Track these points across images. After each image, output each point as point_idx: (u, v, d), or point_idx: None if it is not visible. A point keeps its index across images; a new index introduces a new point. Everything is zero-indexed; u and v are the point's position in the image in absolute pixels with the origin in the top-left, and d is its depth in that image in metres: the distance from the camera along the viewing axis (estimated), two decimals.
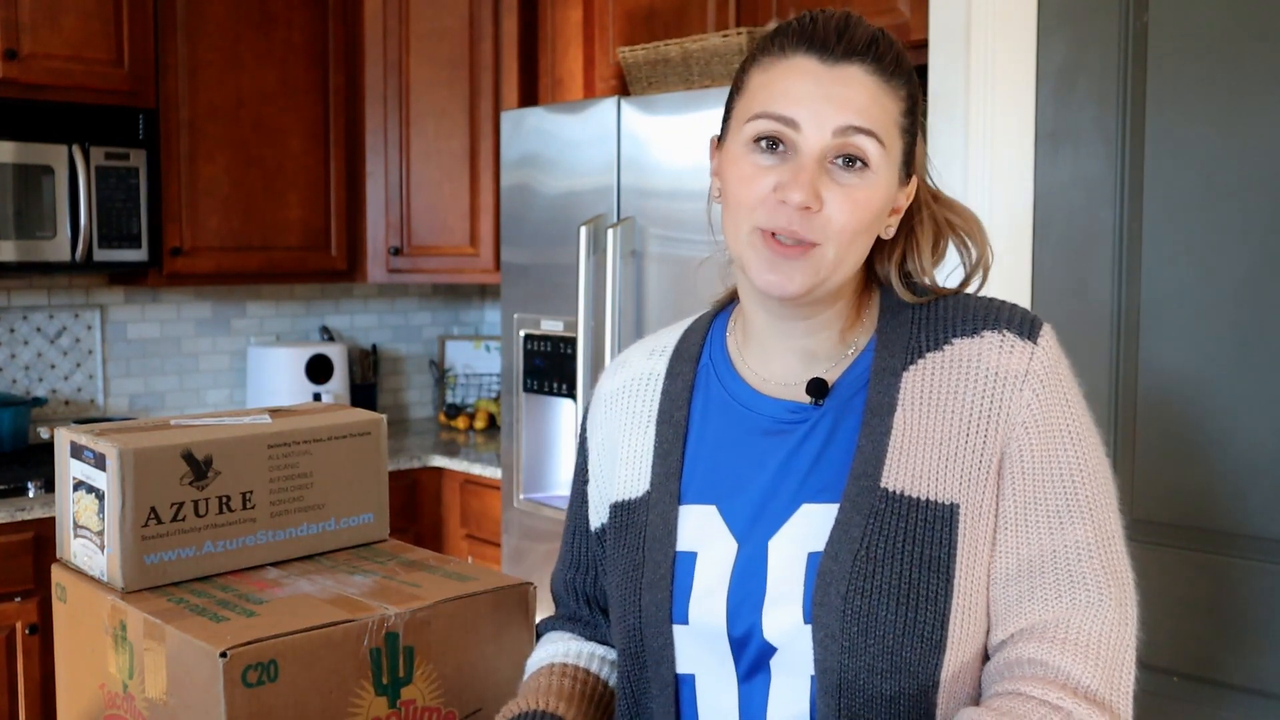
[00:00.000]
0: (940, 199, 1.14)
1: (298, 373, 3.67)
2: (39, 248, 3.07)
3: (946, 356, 1.05)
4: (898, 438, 1.03)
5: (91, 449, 1.20)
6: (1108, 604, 1.00)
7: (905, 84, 1.05)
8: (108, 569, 1.19)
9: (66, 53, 3.09)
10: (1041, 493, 1.02)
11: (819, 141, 1.01)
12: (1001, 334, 1.04)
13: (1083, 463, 1.03)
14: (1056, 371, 1.04)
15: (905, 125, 1.05)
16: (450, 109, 3.66)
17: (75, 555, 1.24)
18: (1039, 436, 1.02)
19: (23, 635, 2.85)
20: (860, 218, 1.02)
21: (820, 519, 1.03)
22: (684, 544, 1.09)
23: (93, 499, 1.20)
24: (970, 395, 1.03)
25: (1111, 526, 1.04)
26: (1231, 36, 1.94)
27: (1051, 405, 1.03)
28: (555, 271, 2.91)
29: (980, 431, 1.02)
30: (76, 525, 1.23)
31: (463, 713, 1.23)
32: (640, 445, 1.16)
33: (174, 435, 1.23)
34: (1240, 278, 1.95)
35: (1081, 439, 1.04)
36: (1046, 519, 1.02)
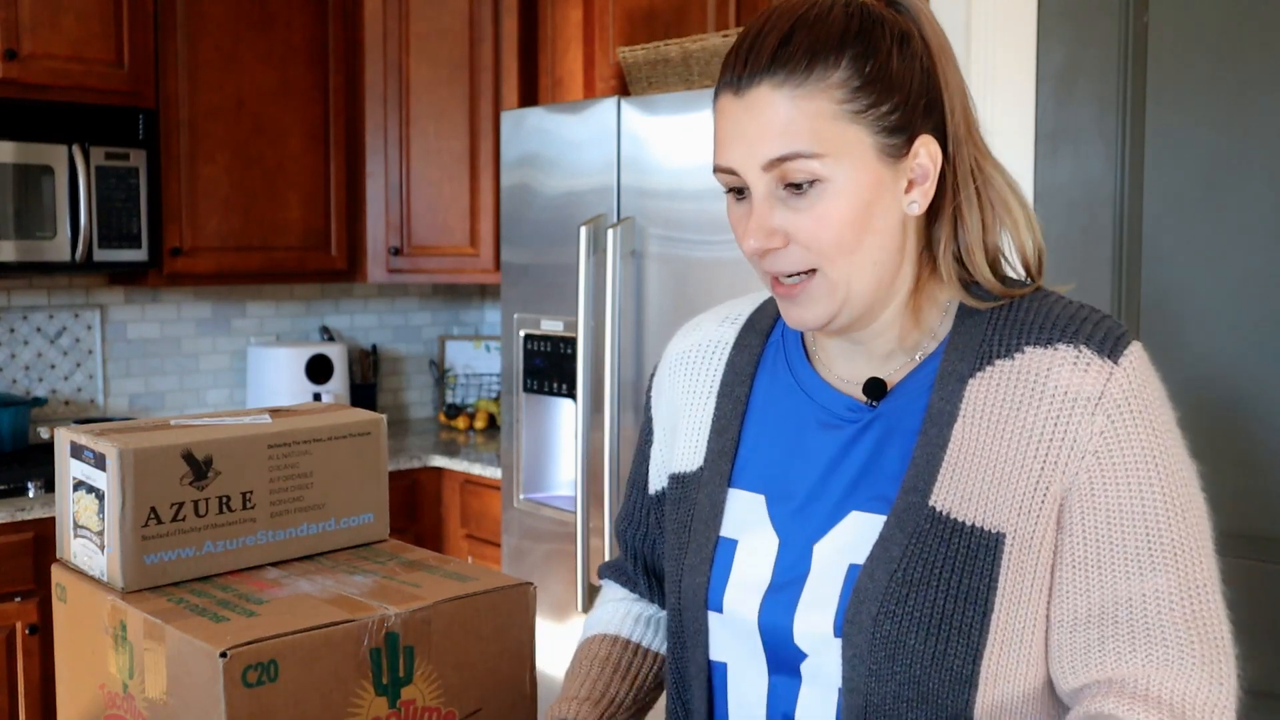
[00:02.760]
0: (982, 168, 1.01)
1: (298, 373, 3.67)
2: (39, 248, 3.07)
3: (1017, 366, 0.97)
4: (954, 452, 0.96)
5: (91, 449, 1.20)
6: (1191, 663, 0.92)
7: (833, 65, 0.95)
8: (108, 569, 1.19)
9: (66, 53, 3.09)
10: (1118, 533, 0.93)
11: (757, 181, 0.96)
12: (1078, 349, 0.95)
13: (1169, 501, 0.93)
14: (1140, 396, 0.95)
15: (858, 106, 0.95)
16: (450, 109, 3.66)
17: (75, 555, 1.24)
18: (1115, 469, 0.94)
19: (23, 635, 2.85)
20: (834, 231, 0.96)
21: (868, 529, 0.98)
22: (728, 529, 1.07)
23: (93, 499, 1.20)
24: (1035, 414, 0.95)
25: (1201, 575, 0.94)
26: (1231, 36, 1.94)
27: (1131, 434, 0.94)
28: (555, 271, 2.91)
29: (1040, 456, 0.94)
30: (76, 525, 1.23)
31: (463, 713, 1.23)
32: (700, 416, 1.14)
33: (174, 435, 1.23)
34: (1240, 277, 1.95)
35: (1168, 473, 0.94)
36: (1124, 563, 0.93)
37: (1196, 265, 1.99)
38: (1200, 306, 1.98)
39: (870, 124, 0.95)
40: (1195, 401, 2.00)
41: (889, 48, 0.96)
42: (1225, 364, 1.96)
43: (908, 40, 0.98)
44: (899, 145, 0.97)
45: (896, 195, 0.98)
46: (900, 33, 0.97)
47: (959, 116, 0.99)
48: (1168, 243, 2.02)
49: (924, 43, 0.99)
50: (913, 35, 0.98)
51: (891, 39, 0.97)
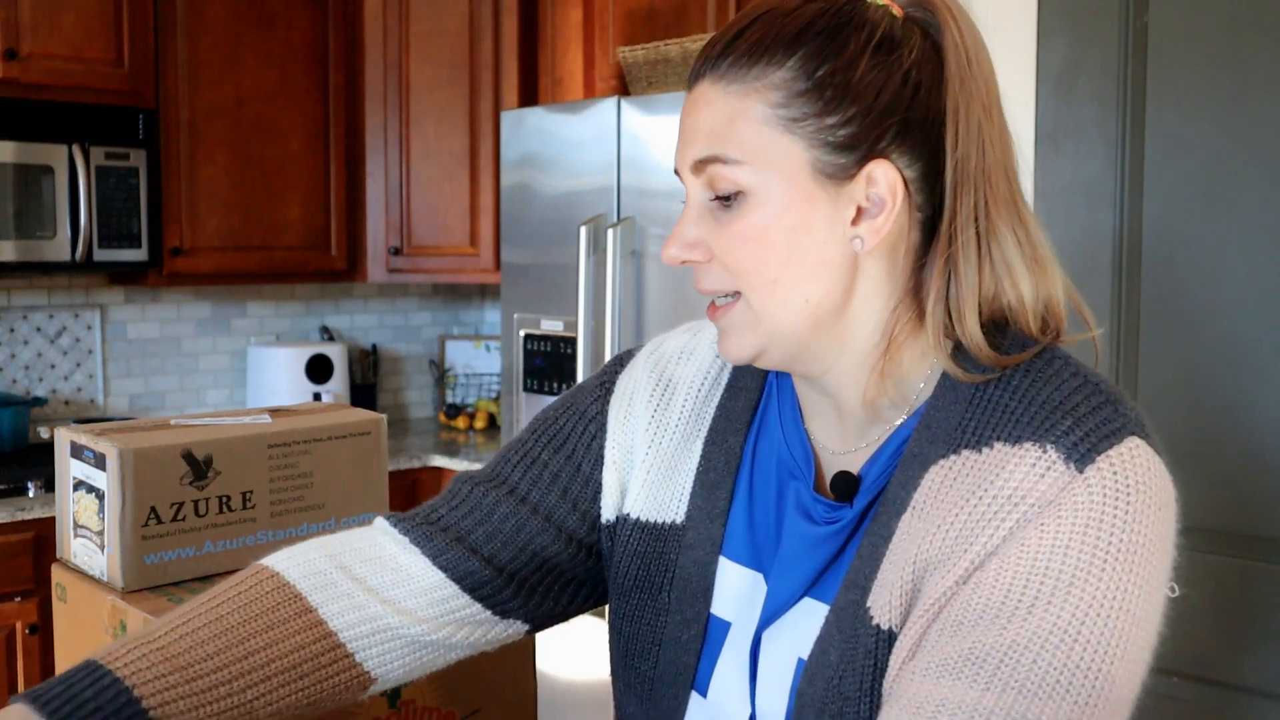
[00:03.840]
0: (990, 215, 0.83)
1: (298, 373, 3.67)
2: (39, 248, 3.07)
3: (981, 459, 0.80)
4: (894, 547, 0.81)
5: (91, 449, 1.20)
6: None
7: (778, 64, 0.81)
8: (108, 568, 1.19)
9: (67, 53, 3.09)
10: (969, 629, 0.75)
11: (691, 186, 0.86)
12: (1044, 449, 0.78)
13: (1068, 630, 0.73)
14: (1103, 523, 0.76)
15: (795, 114, 0.81)
16: (450, 109, 3.66)
17: (75, 555, 1.24)
18: (1015, 573, 0.75)
19: (23, 635, 2.85)
20: (750, 252, 0.83)
21: (813, 619, 0.86)
22: (719, 608, 0.93)
23: (93, 499, 1.20)
24: (970, 513, 0.78)
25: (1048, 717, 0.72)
26: (1231, 36, 1.94)
27: (1062, 550, 0.75)
28: (555, 271, 2.91)
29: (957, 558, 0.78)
30: (76, 525, 1.23)
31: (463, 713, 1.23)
32: (683, 461, 0.97)
33: (174, 435, 1.23)
34: (1240, 277, 1.95)
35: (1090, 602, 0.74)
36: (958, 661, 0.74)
37: (1196, 265, 1.99)
38: (1200, 306, 1.98)
39: (808, 136, 0.81)
40: (1195, 401, 2.00)
41: (858, 52, 0.81)
42: (1225, 364, 1.96)
43: (893, 47, 0.82)
44: (844, 165, 0.81)
45: (838, 224, 0.82)
46: (886, 38, 0.82)
47: (972, 150, 0.82)
48: (1168, 243, 2.02)
49: (930, 56, 0.83)
50: (906, 44, 0.82)
51: (867, 42, 0.81)
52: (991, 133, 0.84)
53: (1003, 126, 0.86)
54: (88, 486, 1.20)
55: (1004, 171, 0.84)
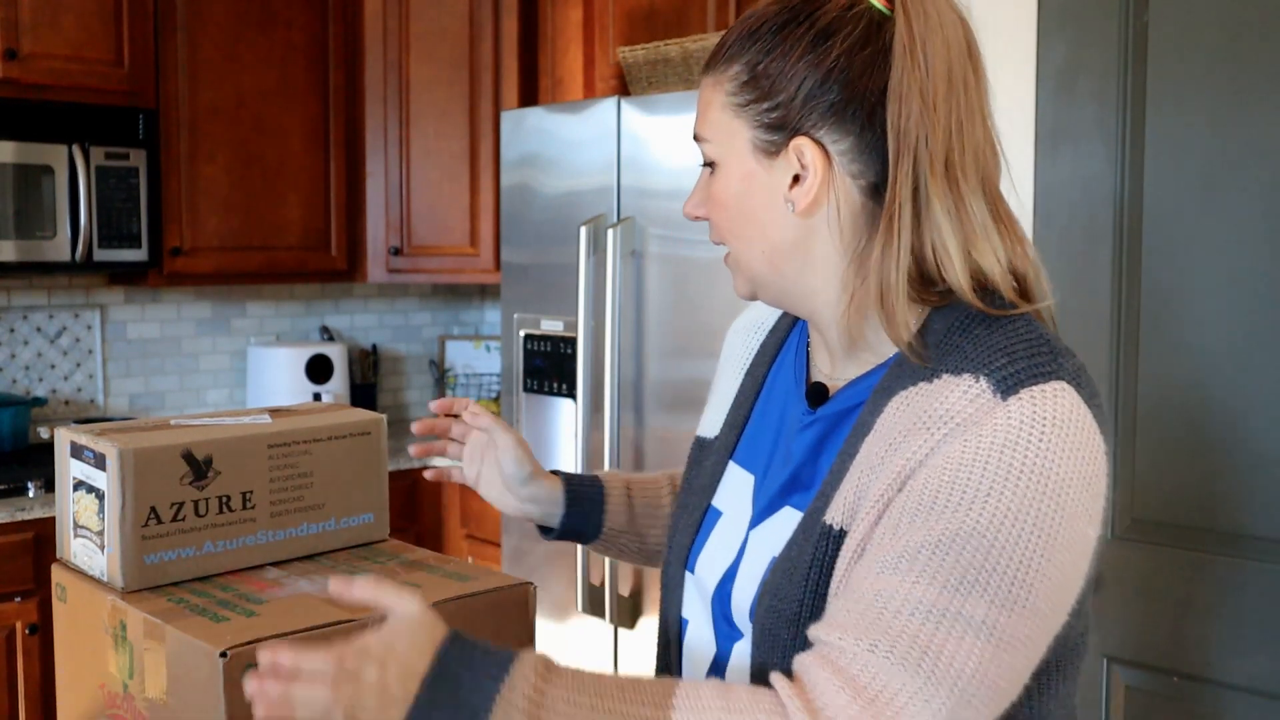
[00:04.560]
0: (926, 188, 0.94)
1: (298, 373, 3.67)
2: (39, 248, 3.07)
3: (930, 388, 0.93)
4: (857, 465, 0.95)
5: (91, 449, 1.20)
6: (902, 672, 0.84)
7: (737, 59, 0.99)
8: (108, 569, 1.19)
9: (66, 53, 3.09)
10: (906, 531, 0.88)
11: (700, 157, 1.06)
12: (978, 379, 0.91)
13: (983, 533, 0.85)
14: (1018, 444, 0.87)
15: (741, 100, 0.99)
16: (450, 109, 3.66)
17: (75, 555, 1.24)
18: (941, 483, 0.88)
19: (23, 635, 2.85)
20: (718, 212, 1.03)
21: (789, 525, 1.02)
22: (718, 500, 1.13)
23: (93, 499, 1.20)
24: (914, 437, 0.91)
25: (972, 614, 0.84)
26: (1231, 36, 1.94)
27: (980, 464, 0.87)
28: (555, 271, 2.91)
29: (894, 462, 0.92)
30: (76, 525, 1.23)
31: None
32: (728, 389, 1.21)
33: (174, 435, 1.23)
34: (1240, 277, 1.95)
35: (1005, 512, 0.85)
36: (894, 558, 0.88)
37: (1196, 265, 1.99)
38: (1200, 306, 1.98)
39: (749, 118, 0.99)
40: (1195, 401, 2.00)
41: (793, 47, 0.96)
42: (1225, 364, 1.96)
43: (825, 39, 0.95)
44: (776, 142, 0.98)
45: (777, 190, 0.99)
46: (823, 29, 0.95)
47: (910, 126, 0.93)
48: (1168, 243, 2.02)
49: (875, 42, 0.94)
50: (840, 33, 0.94)
51: (803, 38, 0.96)
52: (930, 114, 0.94)
53: (948, 109, 0.95)
54: (88, 487, 1.20)
55: (945, 149, 0.95)
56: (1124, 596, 2.07)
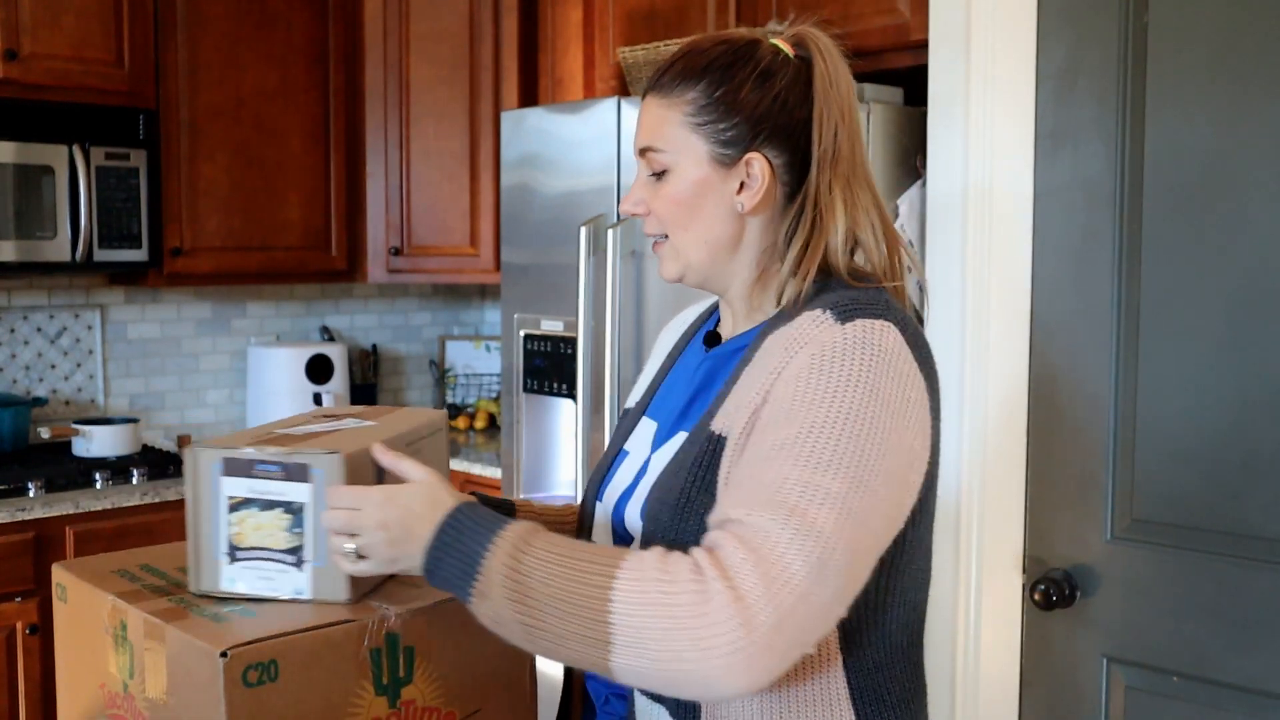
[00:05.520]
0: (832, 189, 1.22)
1: (298, 373, 3.67)
2: (39, 248, 3.07)
3: (792, 325, 1.17)
4: (738, 387, 1.19)
5: (278, 462, 1.15)
6: (780, 530, 1.03)
7: (691, 87, 1.23)
8: (312, 585, 1.16)
9: (67, 53, 3.09)
10: (771, 428, 1.10)
11: (639, 162, 1.28)
12: (824, 311, 1.16)
13: (830, 426, 1.07)
14: (848, 354, 1.10)
15: (699, 121, 1.22)
16: (450, 109, 3.66)
17: (232, 581, 1.17)
18: (795, 389, 1.11)
19: (23, 635, 2.85)
20: (670, 208, 1.25)
21: (679, 443, 1.25)
22: (629, 444, 1.37)
23: (276, 515, 1.15)
24: (775, 355, 1.16)
25: (829, 487, 1.05)
26: (1231, 36, 1.94)
27: (819, 372, 1.10)
28: (555, 271, 2.91)
29: (764, 382, 1.15)
30: (237, 549, 1.16)
31: (463, 713, 1.23)
32: (653, 369, 1.46)
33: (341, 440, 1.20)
34: (1240, 277, 1.95)
35: (844, 411, 1.08)
36: (766, 449, 1.09)
37: (1196, 265, 1.99)
38: (1200, 306, 1.98)
39: (707, 135, 1.22)
40: (1195, 401, 2.00)
41: (744, 80, 1.22)
42: (1225, 363, 1.96)
43: (769, 76, 1.22)
44: (731, 155, 1.22)
45: (726, 193, 1.23)
46: (765, 70, 1.22)
47: (829, 144, 1.21)
48: (1168, 243, 2.02)
49: (801, 83, 1.23)
50: (779, 74, 1.22)
51: (751, 73, 1.22)
52: (844, 131, 1.23)
53: (853, 127, 1.24)
54: (264, 503, 1.16)
55: (851, 157, 1.23)
56: (1124, 596, 2.07)
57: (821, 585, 1.02)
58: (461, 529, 1.10)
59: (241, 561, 1.16)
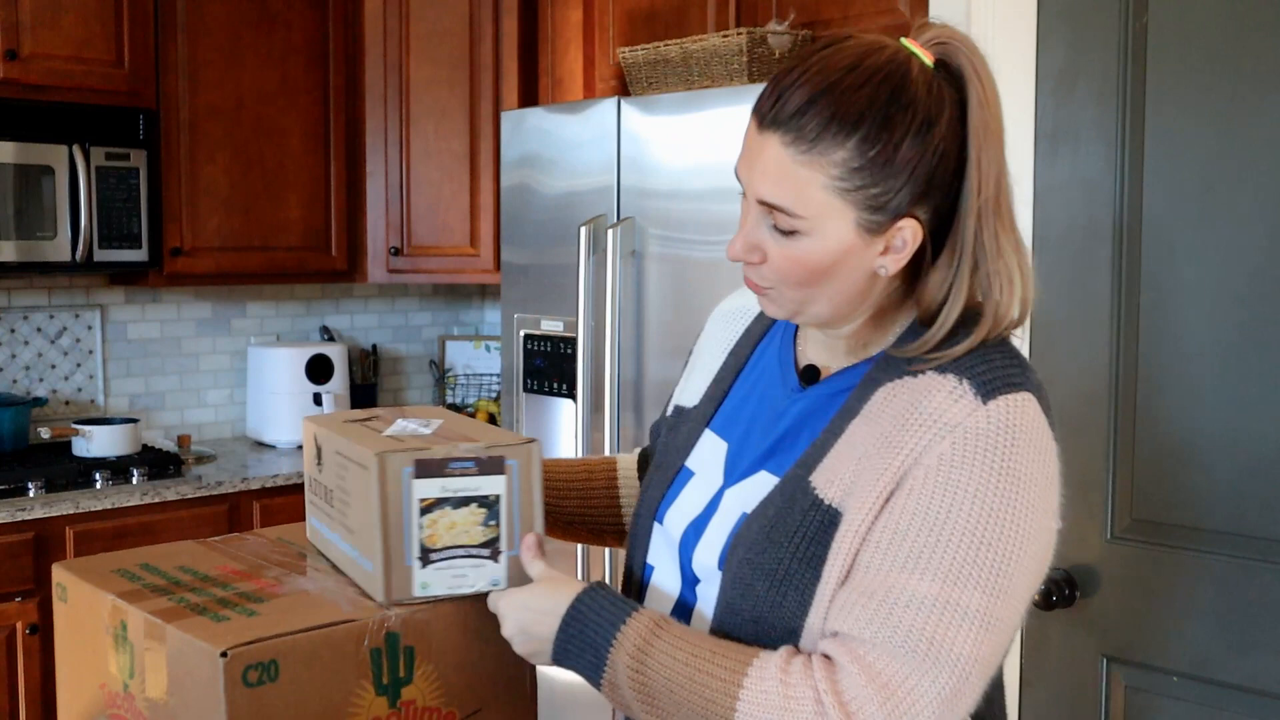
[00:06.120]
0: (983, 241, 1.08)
1: (298, 373, 3.67)
2: (39, 248, 3.07)
3: (916, 384, 1.08)
4: (843, 443, 1.09)
5: (472, 458, 1.14)
6: (908, 656, 0.99)
7: (839, 144, 1.03)
8: (507, 573, 1.17)
9: (67, 53, 3.09)
10: (912, 532, 1.02)
11: (752, 205, 1.10)
12: (961, 382, 1.06)
13: (973, 530, 1.01)
14: (993, 442, 1.03)
15: (848, 186, 1.04)
16: (450, 109, 3.67)
17: (426, 587, 1.16)
18: (935, 484, 1.02)
19: (23, 635, 2.85)
20: (799, 274, 1.09)
21: (765, 487, 1.15)
22: (691, 461, 1.26)
23: (470, 512, 1.15)
24: (904, 427, 1.06)
25: (969, 604, 1.00)
26: (1231, 36, 1.95)
27: (967, 464, 1.02)
28: (555, 271, 2.91)
29: (892, 462, 1.05)
30: (431, 551, 1.15)
31: (463, 713, 1.23)
32: (713, 365, 1.33)
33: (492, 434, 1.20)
34: (1240, 277, 1.95)
35: (988, 510, 1.01)
36: (903, 557, 1.02)
37: (1196, 265, 1.99)
38: (1200, 306, 1.98)
39: (856, 201, 1.05)
40: (1195, 401, 2.00)
41: (903, 134, 1.03)
42: (1225, 363, 1.96)
43: (930, 126, 1.03)
44: (881, 222, 1.06)
45: (868, 256, 1.08)
46: (926, 119, 1.03)
47: (990, 190, 1.06)
48: (1167, 243, 2.02)
49: (958, 124, 1.05)
50: (940, 119, 1.04)
51: (911, 123, 1.03)
52: (1001, 168, 1.08)
53: (1002, 165, 1.09)
54: (457, 501, 1.15)
55: (1008, 200, 1.09)
56: (1124, 596, 2.07)
57: (950, 714, 0.99)
58: (585, 622, 1.09)
59: (435, 564, 1.14)
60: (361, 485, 1.16)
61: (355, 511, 1.18)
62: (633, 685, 1.06)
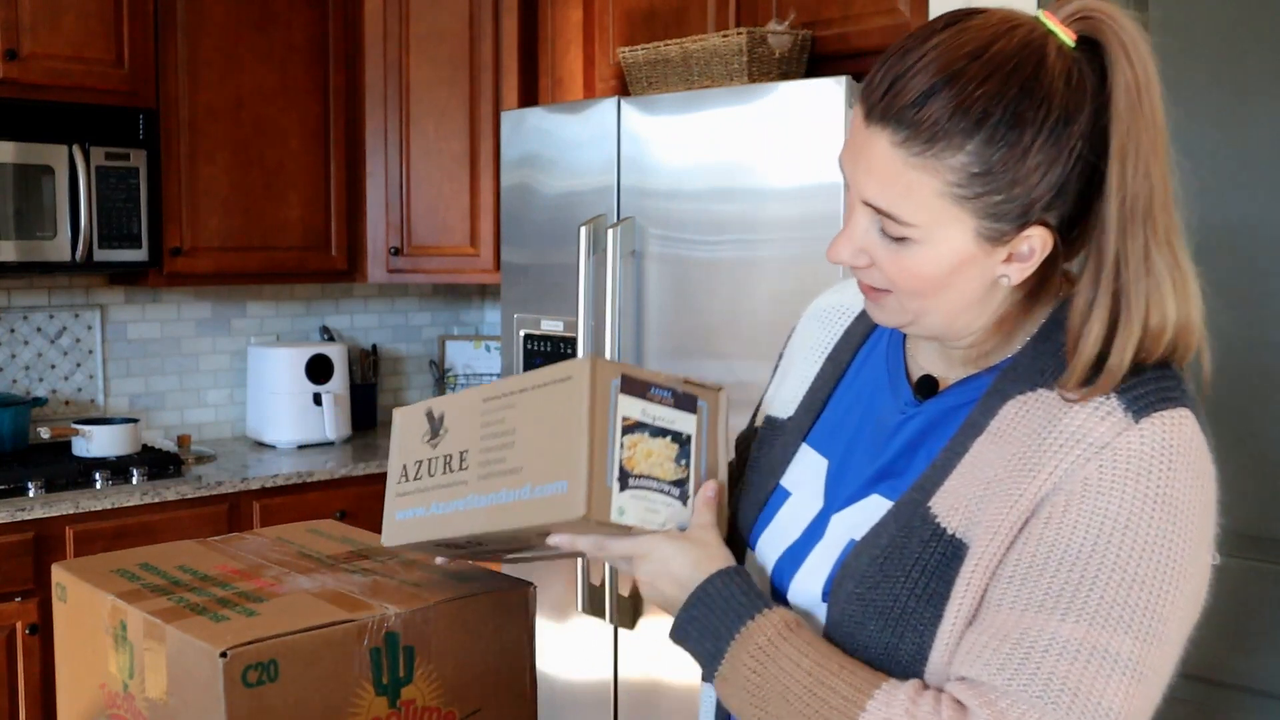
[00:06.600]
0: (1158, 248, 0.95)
1: (298, 373, 3.67)
2: (39, 248, 3.07)
3: (1052, 397, 0.95)
4: (967, 463, 0.97)
5: (669, 388, 1.09)
6: (1053, 713, 0.88)
7: (960, 145, 0.90)
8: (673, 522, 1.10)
9: (67, 53, 3.09)
10: (1054, 568, 0.90)
11: (857, 203, 0.98)
12: (1109, 397, 0.92)
13: (1123, 566, 0.88)
14: (1148, 466, 0.89)
15: (968, 193, 0.91)
16: (450, 109, 3.66)
17: (621, 512, 1.06)
18: (1080, 513, 0.90)
19: (23, 635, 2.85)
20: (912, 283, 0.97)
21: (877, 512, 1.03)
22: (787, 480, 1.14)
23: (663, 443, 1.08)
24: (1041, 446, 0.93)
25: (1118, 649, 0.88)
26: (1232, 36, 1.95)
27: (1117, 490, 0.89)
28: (555, 271, 2.91)
29: (1027, 485, 0.93)
30: (628, 475, 1.07)
31: (463, 713, 1.23)
32: (808, 371, 1.19)
33: None
34: (1241, 277, 1.95)
35: (1141, 543, 0.89)
36: (1043, 596, 0.90)
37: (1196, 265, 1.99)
38: None
39: (976, 209, 0.92)
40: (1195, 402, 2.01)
41: (1035, 134, 0.90)
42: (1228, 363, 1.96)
43: (1067, 122, 0.90)
44: (1004, 231, 0.93)
45: (990, 266, 0.96)
46: (1062, 115, 0.90)
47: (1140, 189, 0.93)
48: None
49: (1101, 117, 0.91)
50: (1079, 114, 0.90)
51: (1045, 121, 0.90)
52: (1157, 167, 0.94)
53: (1167, 159, 0.95)
54: (655, 429, 1.08)
55: (1165, 205, 0.96)
56: None
57: None
58: (711, 606, 1.00)
59: (631, 489, 1.06)
60: (560, 401, 1.07)
61: (531, 440, 1.09)
62: (749, 685, 0.97)
